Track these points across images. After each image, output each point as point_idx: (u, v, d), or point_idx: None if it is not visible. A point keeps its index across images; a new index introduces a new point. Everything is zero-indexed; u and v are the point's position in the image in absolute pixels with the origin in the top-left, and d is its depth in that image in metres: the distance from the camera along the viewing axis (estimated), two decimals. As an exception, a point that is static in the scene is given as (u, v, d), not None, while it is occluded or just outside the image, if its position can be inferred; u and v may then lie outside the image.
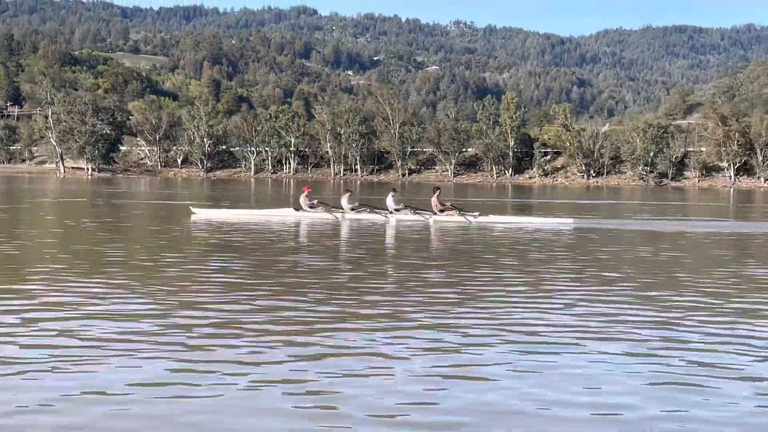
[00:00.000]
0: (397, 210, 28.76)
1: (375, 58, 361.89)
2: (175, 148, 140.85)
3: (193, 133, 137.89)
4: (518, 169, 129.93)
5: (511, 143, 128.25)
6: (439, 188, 30.19)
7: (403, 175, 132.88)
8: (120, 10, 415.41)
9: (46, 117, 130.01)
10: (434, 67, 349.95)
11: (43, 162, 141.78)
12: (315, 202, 29.83)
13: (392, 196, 29.31)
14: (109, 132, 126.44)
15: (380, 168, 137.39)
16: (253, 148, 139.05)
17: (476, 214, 28.23)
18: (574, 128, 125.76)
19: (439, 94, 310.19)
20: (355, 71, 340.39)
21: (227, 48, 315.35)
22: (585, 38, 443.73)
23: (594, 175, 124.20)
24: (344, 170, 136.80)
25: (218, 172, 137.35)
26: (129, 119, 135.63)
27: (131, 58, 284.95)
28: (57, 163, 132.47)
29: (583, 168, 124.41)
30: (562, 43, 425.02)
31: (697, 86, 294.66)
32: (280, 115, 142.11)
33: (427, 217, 28.24)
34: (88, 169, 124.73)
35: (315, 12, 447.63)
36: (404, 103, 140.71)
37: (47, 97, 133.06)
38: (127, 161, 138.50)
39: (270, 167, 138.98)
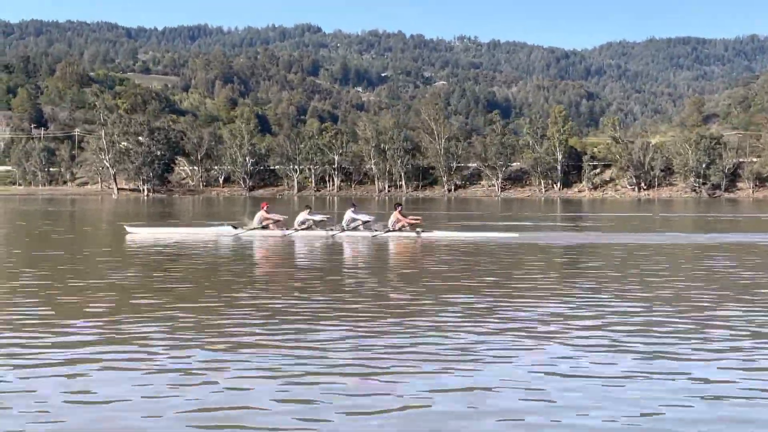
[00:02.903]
0: (348, 226, 27.53)
1: (383, 75, 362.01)
2: (216, 167, 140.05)
3: (235, 152, 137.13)
4: (566, 183, 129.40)
5: (559, 156, 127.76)
6: (401, 204, 29.11)
7: (449, 190, 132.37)
8: (125, 31, 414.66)
9: (99, 138, 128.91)
10: (442, 82, 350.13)
11: (84, 183, 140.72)
12: (271, 220, 28.26)
13: (353, 211, 28.16)
14: (163, 153, 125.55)
15: (425, 184, 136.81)
16: (296, 166, 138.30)
17: (419, 230, 27.03)
18: (623, 140, 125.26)
19: (450, 109, 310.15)
20: (364, 88, 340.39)
21: (237, 67, 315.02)
22: (589, 51, 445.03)
23: (645, 187, 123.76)
24: (389, 186, 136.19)
25: (260, 191, 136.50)
26: (182, 139, 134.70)
27: (143, 78, 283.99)
28: (109, 185, 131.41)
29: (634, 180, 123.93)
30: (567, 56, 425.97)
31: (706, 97, 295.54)
32: (324, 132, 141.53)
33: (376, 232, 27.01)
34: (144, 190, 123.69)
35: (319, 29, 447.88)
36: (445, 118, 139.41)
37: (100, 118, 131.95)
38: (170, 182, 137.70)
39: (313, 185, 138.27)
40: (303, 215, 28.10)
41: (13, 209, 61.91)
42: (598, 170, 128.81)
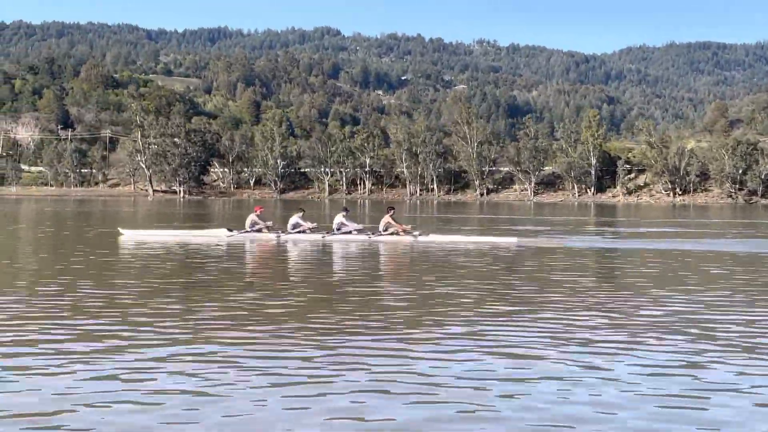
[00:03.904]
0: (338, 229, 27.19)
1: (403, 78, 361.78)
2: (247, 169, 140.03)
3: (267, 155, 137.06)
4: (599, 188, 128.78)
5: (593, 161, 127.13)
6: (393, 207, 28.75)
7: (481, 194, 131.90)
8: (146, 33, 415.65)
9: (135, 140, 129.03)
10: (462, 86, 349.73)
11: (116, 185, 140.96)
12: (265, 224, 27.94)
13: (343, 216, 27.74)
14: (199, 154, 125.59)
15: (457, 187, 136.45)
16: (327, 169, 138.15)
17: (417, 233, 26.84)
18: (658, 145, 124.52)
19: (471, 113, 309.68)
20: (384, 91, 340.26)
21: (259, 69, 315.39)
22: (608, 56, 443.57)
23: (680, 192, 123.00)
24: (420, 190, 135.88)
25: (291, 193, 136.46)
26: (218, 141, 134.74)
27: (165, 80, 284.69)
28: (144, 186, 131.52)
29: (669, 186, 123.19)
30: (587, 60, 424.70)
31: (727, 102, 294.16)
32: (355, 135, 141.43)
33: (369, 235, 26.83)
34: (180, 191, 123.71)
35: (338, 32, 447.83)
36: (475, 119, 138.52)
37: (137, 120, 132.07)
38: (206, 184, 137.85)
39: (344, 187, 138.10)
40: (295, 218, 27.82)
41: (62, 211, 61.90)
42: (632, 175, 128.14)
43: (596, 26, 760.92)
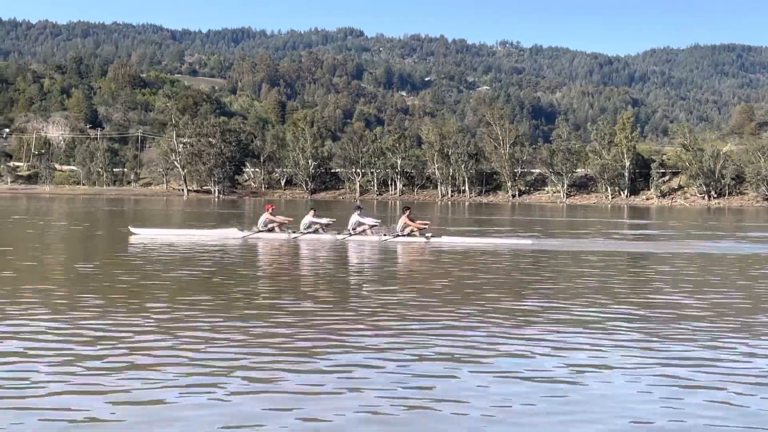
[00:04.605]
0: (354, 230, 27.04)
1: (426, 79, 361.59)
2: (279, 169, 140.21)
3: (298, 155, 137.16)
4: (633, 190, 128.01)
5: (627, 163, 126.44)
6: (409, 208, 28.43)
7: (513, 196, 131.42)
8: (170, 33, 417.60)
9: (171, 139, 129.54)
10: (486, 87, 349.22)
11: (148, 184, 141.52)
12: (276, 223, 27.92)
13: (358, 215, 27.48)
14: (234, 154, 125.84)
15: (488, 189, 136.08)
16: (358, 170, 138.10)
17: (429, 234, 26.61)
18: (693, 148, 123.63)
19: (503, 114, 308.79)
20: (407, 92, 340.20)
21: (283, 69, 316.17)
22: (632, 57, 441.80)
23: (715, 195, 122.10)
24: (452, 191, 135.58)
25: (322, 194, 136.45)
26: (252, 142, 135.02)
27: (190, 80, 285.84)
28: (179, 186, 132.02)
29: (704, 189, 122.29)
30: (610, 62, 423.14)
31: (753, 105, 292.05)
32: (387, 136, 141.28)
33: (384, 237, 26.67)
34: (215, 191, 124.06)
35: (362, 33, 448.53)
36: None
37: (171, 119, 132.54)
38: (239, 183, 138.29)
39: (375, 188, 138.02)
40: (308, 218, 27.72)
41: (104, 209, 62.10)
42: (666, 178, 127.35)
43: (620, 28, 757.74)
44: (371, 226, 27.15)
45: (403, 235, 26.47)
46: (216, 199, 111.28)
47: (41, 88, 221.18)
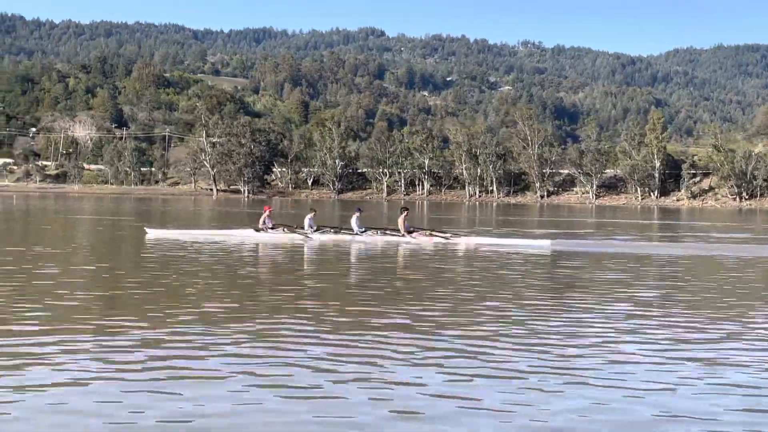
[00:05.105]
0: (362, 231, 26.89)
1: (448, 79, 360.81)
2: (305, 169, 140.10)
3: (325, 155, 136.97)
4: (663, 191, 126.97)
5: (657, 164, 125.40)
6: (407, 209, 28.21)
7: (541, 196, 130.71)
8: (192, 33, 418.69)
9: (200, 138, 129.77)
10: (508, 87, 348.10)
11: (175, 183, 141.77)
12: (274, 224, 28.09)
13: (357, 217, 27.35)
14: (263, 154, 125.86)
15: (516, 189, 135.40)
16: (386, 170, 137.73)
17: (448, 235, 26.43)
18: (725, 149, 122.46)
19: (514, 115, 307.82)
20: (429, 92, 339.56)
21: (305, 69, 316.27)
22: (655, 58, 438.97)
23: (746, 197, 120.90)
24: (479, 192, 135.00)
25: (349, 194, 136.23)
26: (282, 141, 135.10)
27: (213, 80, 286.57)
28: (208, 185, 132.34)
29: (735, 190, 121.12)
30: (633, 62, 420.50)
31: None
32: (414, 136, 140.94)
33: (399, 236, 26.46)
34: (244, 191, 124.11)
35: (383, 33, 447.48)
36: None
37: (201, 119, 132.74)
38: (269, 183, 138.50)
39: (402, 188, 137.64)
40: (308, 218, 27.65)
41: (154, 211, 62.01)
42: (697, 179, 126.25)
43: (642, 28, 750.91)
44: (356, 233, 26.89)
45: (408, 235, 26.32)
46: (245, 199, 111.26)
47: (66, 87, 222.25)
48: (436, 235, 26.69)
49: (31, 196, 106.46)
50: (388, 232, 27.48)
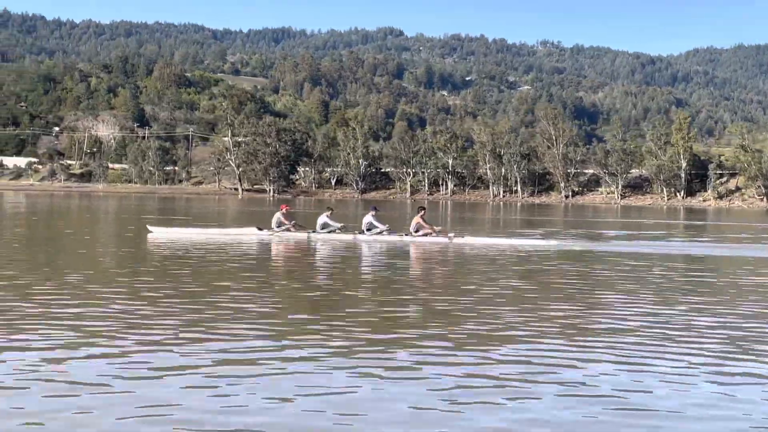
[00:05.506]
0: (368, 230, 26.44)
1: (467, 79, 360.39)
2: (329, 169, 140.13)
3: (349, 154, 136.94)
4: (689, 191, 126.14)
5: (683, 164, 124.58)
6: (424, 208, 27.65)
7: (566, 197, 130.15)
8: (211, 33, 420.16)
9: (225, 137, 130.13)
10: (527, 87, 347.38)
11: (199, 183, 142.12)
12: (292, 222, 27.51)
13: (372, 215, 26.83)
14: (289, 153, 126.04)
15: (541, 189, 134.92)
16: (409, 170, 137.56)
17: (452, 234, 25.96)
18: (752, 149, 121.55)
19: (538, 114, 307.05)
20: (448, 91, 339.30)
21: (324, 69, 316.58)
22: (675, 57, 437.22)
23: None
24: (503, 192, 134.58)
25: (372, 193, 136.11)
26: (307, 141, 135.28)
27: (233, 79, 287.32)
28: (234, 184, 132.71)
29: (762, 190, 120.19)
30: (653, 62, 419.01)
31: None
32: (437, 135, 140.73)
33: (403, 234, 26.20)
34: (270, 190, 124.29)
35: (401, 33, 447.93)
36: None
37: (227, 119, 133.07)
38: (294, 183, 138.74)
39: (426, 188, 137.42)
40: (324, 218, 27.26)
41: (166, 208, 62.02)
42: (724, 179, 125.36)
43: (662, 27, 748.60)
44: (380, 232, 26.61)
45: (417, 235, 25.97)
46: (271, 198, 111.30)
47: (88, 87, 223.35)
48: (441, 234, 26.30)
49: (57, 194, 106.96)
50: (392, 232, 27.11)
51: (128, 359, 8.15)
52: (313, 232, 26.87)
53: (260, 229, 27.39)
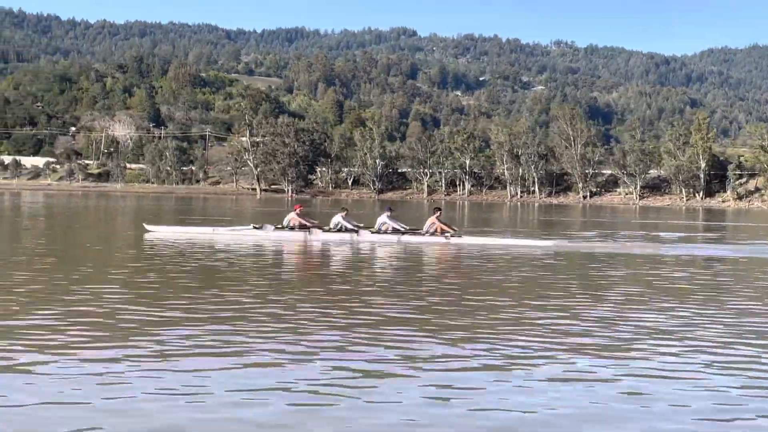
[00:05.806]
0: (379, 230, 26.42)
1: (481, 79, 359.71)
2: (346, 169, 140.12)
3: (366, 155, 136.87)
4: (708, 192, 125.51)
5: (702, 164, 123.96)
6: (440, 209, 27.86)
7: (584, 197, 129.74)
8: (225, 33, 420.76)
9: (244, 138, 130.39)
10: (541, 87, 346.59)
11: (216, 182, 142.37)
12: (307, 222, 27.42)
13: (387, 216, 26.71)
14: (307, 153, 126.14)
15: (558, 190, 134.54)
16: (426, 170, 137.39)
17: (449, 234, 25.88)
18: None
19: (552, 114, 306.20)
20: (462, 91, 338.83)
21: (338, 69, 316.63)
22: (689, 57, 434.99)
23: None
24: (521, 192, 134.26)
25: (389, 193, 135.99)
26: (326, 141, 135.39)
27: (247, 79, 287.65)
28: (252, 185, 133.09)
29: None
30: (667, 62, 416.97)
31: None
32: (455, 136, 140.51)
33: (404, 231, 26.34)
34: (288, 190, 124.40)
35: (415, 33, 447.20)
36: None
37: (245, 119, 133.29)
38: (312, 183, 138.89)
39: (443, 188, 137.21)
40: (338, 218, 27.14)
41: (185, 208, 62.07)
42: (743, 180, 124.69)
43: (676, 27, 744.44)
44: (396, 231, 26.54)
45: (426, 235, 26.06)
46: (289, 198, 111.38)
47: (104, 87, 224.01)
48: (446, 235, 26.19)
49: (75, 194, 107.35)
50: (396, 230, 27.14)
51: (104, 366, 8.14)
52: (327, 230, 26.88)
53: (257, 227, 27.30)
